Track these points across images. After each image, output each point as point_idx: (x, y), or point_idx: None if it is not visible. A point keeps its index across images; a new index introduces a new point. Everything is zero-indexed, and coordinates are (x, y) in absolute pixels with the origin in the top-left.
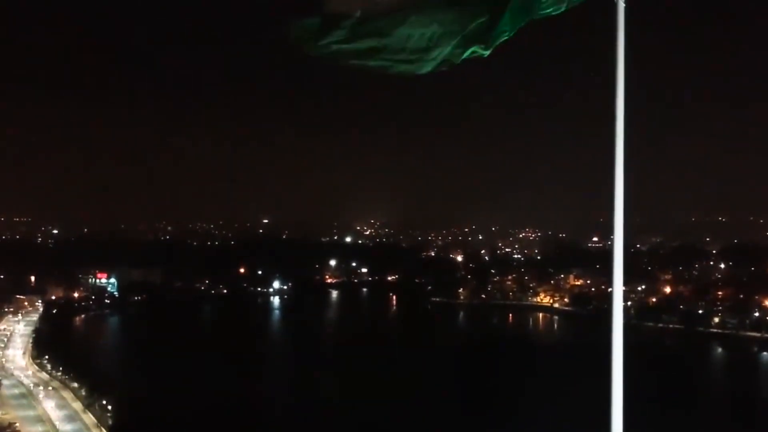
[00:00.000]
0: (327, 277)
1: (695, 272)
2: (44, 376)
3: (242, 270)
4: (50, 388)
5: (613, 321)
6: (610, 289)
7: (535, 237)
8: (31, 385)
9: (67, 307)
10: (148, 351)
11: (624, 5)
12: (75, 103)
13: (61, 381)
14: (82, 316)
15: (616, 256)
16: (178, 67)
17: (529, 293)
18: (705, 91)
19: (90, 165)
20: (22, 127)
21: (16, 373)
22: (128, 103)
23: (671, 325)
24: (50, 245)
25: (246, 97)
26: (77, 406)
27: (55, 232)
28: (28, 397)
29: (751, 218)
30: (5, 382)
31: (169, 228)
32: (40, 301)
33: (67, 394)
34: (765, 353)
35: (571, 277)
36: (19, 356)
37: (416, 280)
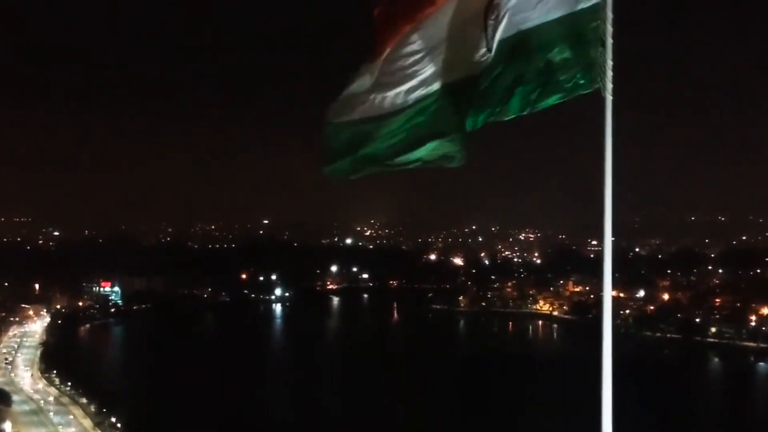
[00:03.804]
0: (328, 282)
1: (693, 278)
2: (53, 390)
3: (244, 276)
4: (60, 404)
5: (603, 329)
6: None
7: (535, 238)
8: (42, 401)
9: (73, 316)
10: (154, 363)
11: (611, 98)
12: (73, 103)
13: (69, 396)
14: (87, 325)
15: (606, 271)
16: (178, 67)
17: (529, 301)
18: (705, 90)
19: (90, 165)
20: (21, 126)
21: (25, 388)
22: (127, 103)
23: (669, 335)
24: (52, 248)
25: (246, 97)
26: (87, 423)
27: (57, 234)
28: (38, 413)
29: (751, 218)
30: (15, 397)
31: (170, 230)
32: (45, 310)
33: (77, 411)
34: (761, 363)
35: (570, 283)
36: (27, 370)
37: (417, 286)
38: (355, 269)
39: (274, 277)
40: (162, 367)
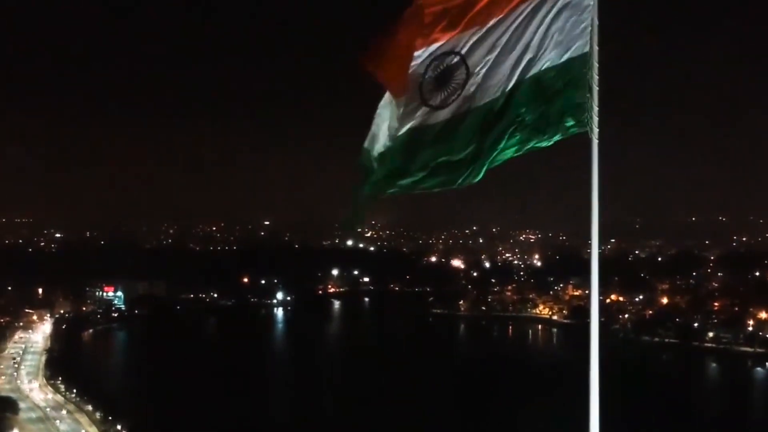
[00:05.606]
0: (329, 286)
1: (692, 281)
2: (59, 398)
3: (245, 279)
4: (65, 411)
5: (591, 331)
6: (607, 300)
7: (535, 239)
8: (48, 408)
9: (76, 321)
10: (157, 368)
11: (597, 141)
12: (73, 103)
13: (75, 404)
14: (90, 330)
15: (593, 277)
16: (178, 68)
17: (529, 305)
18: (705, 91)
19: (90, 165)
20: (21, 127)
21: (31, 395)
22: (127, 103)
23: (667, 340)
24: (54, 250)
25: (246, 98)
26: (93, 431)
27: (58, 235)
28: (44, 421)
29: (751, 218)
30: (21, 405)
31: (171, 231)
32: (48, 315)
33: (83, 418)
34: (758, 368)
35: (570, 287)
36: (33, 377)
37: (418, 290)
38: (356, 272)
39: (275, 280)
40: (165, 372)
